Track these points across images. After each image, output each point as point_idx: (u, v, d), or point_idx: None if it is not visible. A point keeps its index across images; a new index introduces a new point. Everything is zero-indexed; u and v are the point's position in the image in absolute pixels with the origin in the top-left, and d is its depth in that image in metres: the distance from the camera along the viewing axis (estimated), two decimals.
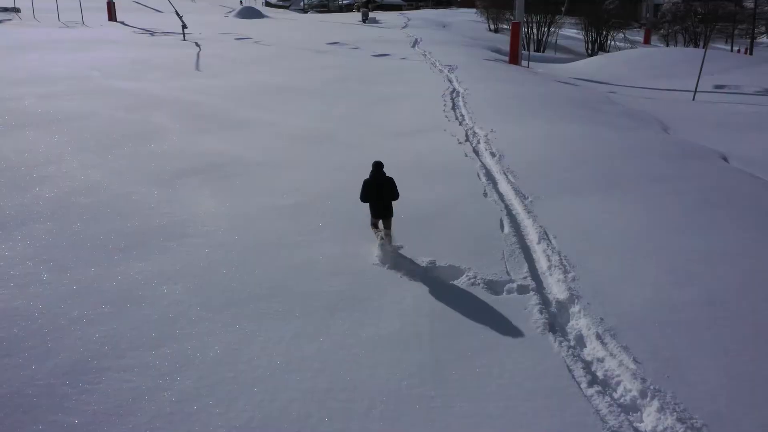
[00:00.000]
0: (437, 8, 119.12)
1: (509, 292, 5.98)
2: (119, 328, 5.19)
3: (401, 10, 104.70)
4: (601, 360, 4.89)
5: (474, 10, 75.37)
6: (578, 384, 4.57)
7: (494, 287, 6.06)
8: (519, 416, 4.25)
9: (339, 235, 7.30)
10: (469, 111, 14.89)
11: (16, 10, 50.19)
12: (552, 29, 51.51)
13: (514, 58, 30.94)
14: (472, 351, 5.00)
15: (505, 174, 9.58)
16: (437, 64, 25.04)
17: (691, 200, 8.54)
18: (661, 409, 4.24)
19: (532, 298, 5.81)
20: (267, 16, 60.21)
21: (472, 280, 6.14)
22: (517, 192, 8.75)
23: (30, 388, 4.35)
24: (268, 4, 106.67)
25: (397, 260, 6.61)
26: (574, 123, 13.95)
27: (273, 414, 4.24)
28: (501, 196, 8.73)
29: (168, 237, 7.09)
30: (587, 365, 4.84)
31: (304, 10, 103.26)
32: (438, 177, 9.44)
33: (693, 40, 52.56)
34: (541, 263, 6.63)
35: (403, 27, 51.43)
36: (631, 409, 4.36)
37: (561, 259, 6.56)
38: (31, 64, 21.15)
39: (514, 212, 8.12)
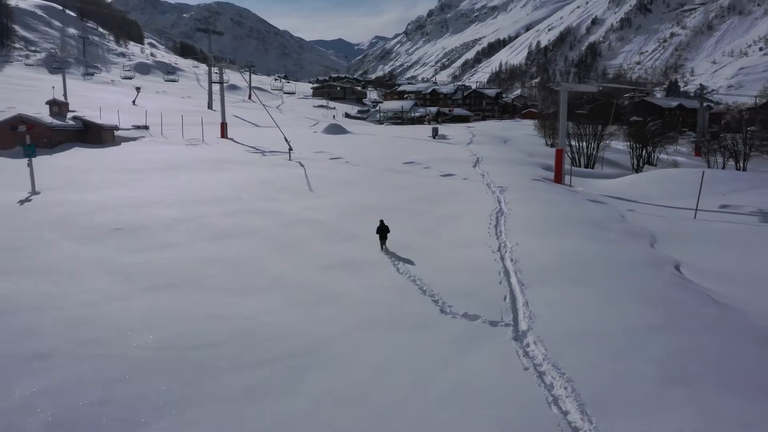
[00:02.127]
0: (501, 119, 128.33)
1: (501, 325, 12.56)
2: (314, 337, 12.08)
3: (468, 121, 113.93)
4: (535, 353, 11.34)
5: (533, 121, 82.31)
6: (520, 359, 11.03)
7: (494, 323, 12.67)
8: (485, 369, 10.73)
9: (421, 304, 14.08)
10: (506, 228, 21.58)
11: (146, 127, 60.87)
12: (601, 144, 57.57)
13: (558, 178, 37.66)
14: (477, 347, 11.56)
15: (516, 272, 16.19)
16: (491, 185, 31.85)
17: (620, 291, 14.79)
18: (552, 366, 10.66)
19: (511, 328, 12.36)
20: (349, 132, 68.23)
21: (483, 320, 12.79)
22: (520, 282, 15.33)
23: (258, 371, 11.22)
24: (347, 116, 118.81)
25: (442, 312, 13.37)
26: (580, 239, 20.18)
27: (372, 388, 10.89)
28: (510, 284, 15.33)
29: (334, 299, 14.12)
30: (527, 353, 11.28)
31: (380, 122, 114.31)
32: (476, 274, 16.17)
33: (733, 157, 56.73)
34: (520, 315, 13.15)
35: (468, 143, 58.47)
36: (539, 367, 10.76)
37: (530, 314, 13.06)
38: (190, 185, 29.36)
39: (514, 292, 14.68)
